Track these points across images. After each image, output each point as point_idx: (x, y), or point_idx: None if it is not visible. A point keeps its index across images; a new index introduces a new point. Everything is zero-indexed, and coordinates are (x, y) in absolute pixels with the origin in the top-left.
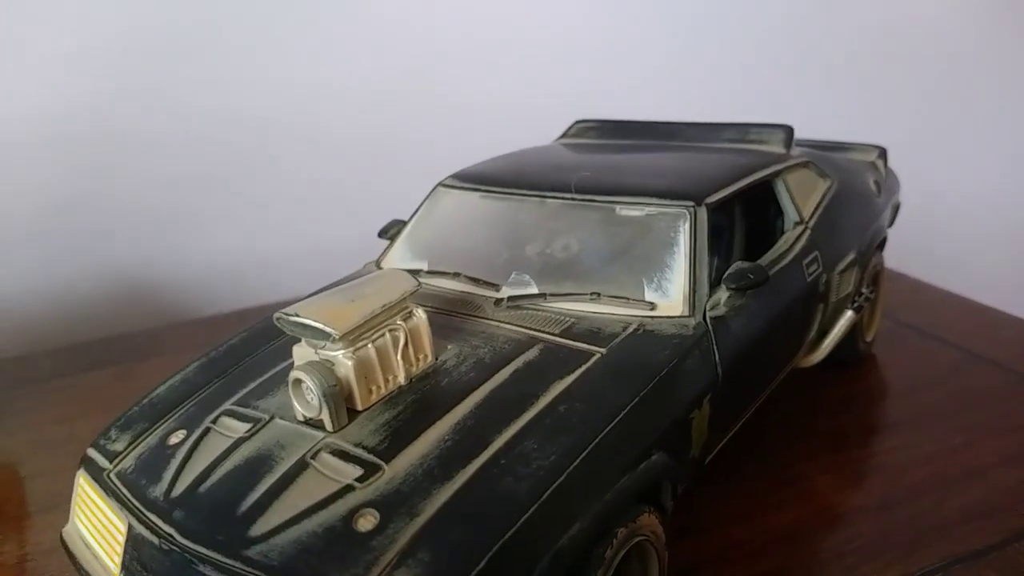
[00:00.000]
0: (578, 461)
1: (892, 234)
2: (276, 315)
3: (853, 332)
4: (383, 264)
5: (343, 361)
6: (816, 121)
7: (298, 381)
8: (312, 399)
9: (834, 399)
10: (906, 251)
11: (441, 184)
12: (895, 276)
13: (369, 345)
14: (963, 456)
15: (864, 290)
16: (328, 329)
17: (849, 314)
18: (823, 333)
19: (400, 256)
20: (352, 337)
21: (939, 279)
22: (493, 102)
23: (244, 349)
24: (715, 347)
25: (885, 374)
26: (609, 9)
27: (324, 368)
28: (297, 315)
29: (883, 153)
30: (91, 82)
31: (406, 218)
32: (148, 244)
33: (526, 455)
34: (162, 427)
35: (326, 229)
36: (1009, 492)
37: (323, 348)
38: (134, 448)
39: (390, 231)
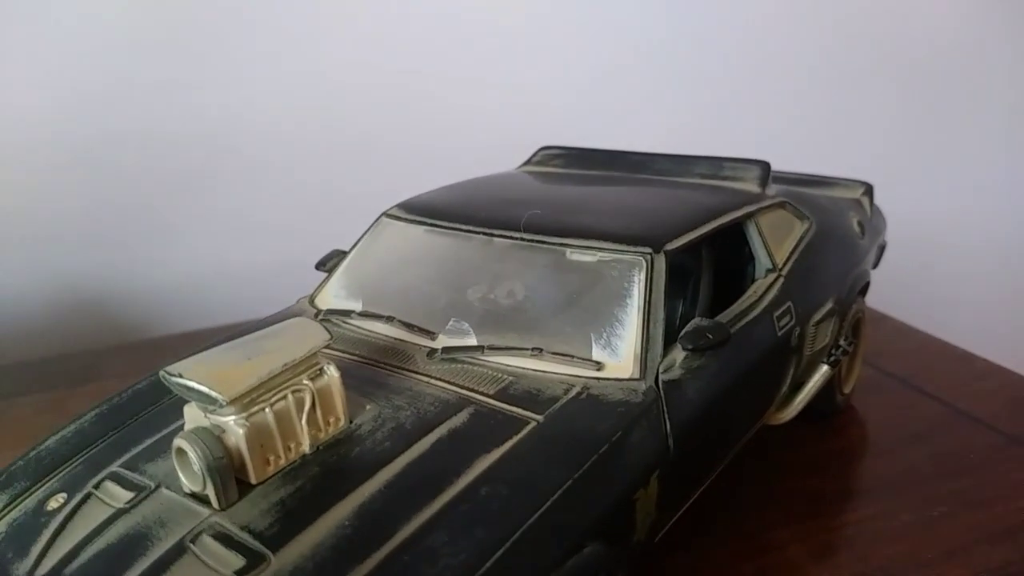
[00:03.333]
0: (493, 560)
1: (875, 272)
2: (160, 372)
3: (830, 384)
4: (317, 301)
5: (234, 428)
6: (799, 151)
7: (181, 450)
8: (197, 471)
9: (808, 458)
10: (889, 289)
11: (385, 214)
12: (877, 317)
13: (267, 409)
14: (942, 531)
15: (842, 342)
16: (214, 394)
17: (825, 369)
18: (797, 387)
19: (334, 292)
20: (245, 401)
21: (924, 318)
22: (474, 120)
23: (149, 397)
24: (666, 416)
25: (864, 429)
26: (593, 35)
27: (211, 436)
28: (181, 376)
29: (869, 190)
30: (45, 84)
31: (348, 248)
32: (98, 257)
33: (434, 551)
34: (44, 488)
35: (293, 243)
36: (992, 574)
37: (213, 413)
38: (9, 512)
39: (328, 263)
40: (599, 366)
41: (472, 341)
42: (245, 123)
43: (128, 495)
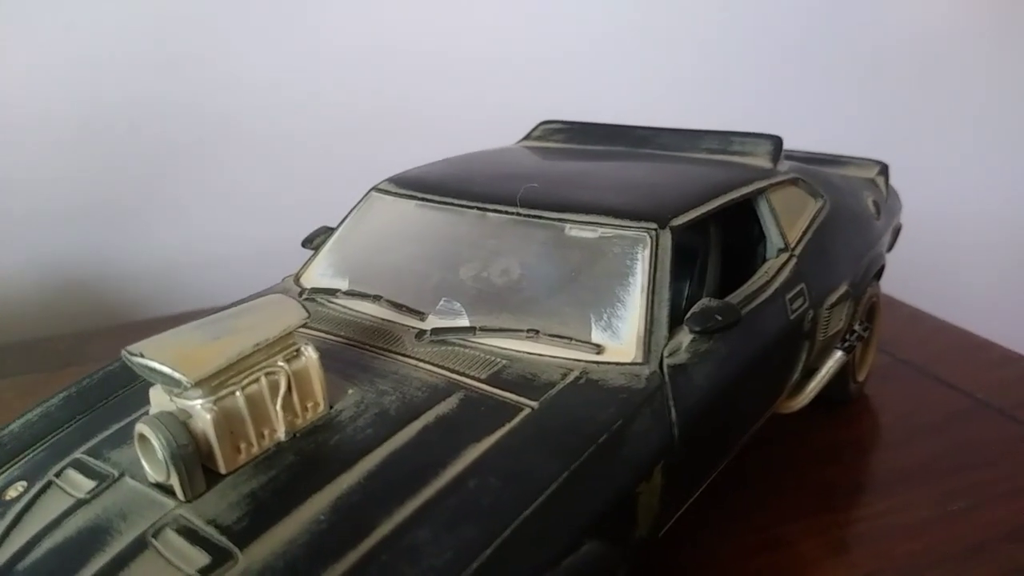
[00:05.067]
0: (480, 560)
1: (889, 256)
2: (122, 352)
3: (844, 371)
4: (302, 279)
5: (201, 413)
6: (811, 131)
7: (143, 436)
8: (161, 459)
9: (821, 448)
10: (904, 274)
11: (375, 189)
12: (892, 303)
13: (237, 393)
14: (963, 526)
15: (857, 327)
16: (178, 375)
17: (839, 355)
18: (809, 373)
19: (321, 271)
20: (214, 384)
21: (939, 305)
22: (471, 102)
23: (120, 379)
24: (671, 403)
25: (878, 419)
26: (600, 14)
27: (175, 422)
28: (142, 355)
29: (884, 169)
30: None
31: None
32: (83, 239)
33: (416, 549)
34: (3, 476)
35: (280, 227)
36: (1018, 573)
37: (178, 396)
38: None
39: (315, 240)
40: (599, 349)
41: (464, 322)
42: (241, 101)
43: (90, 484)
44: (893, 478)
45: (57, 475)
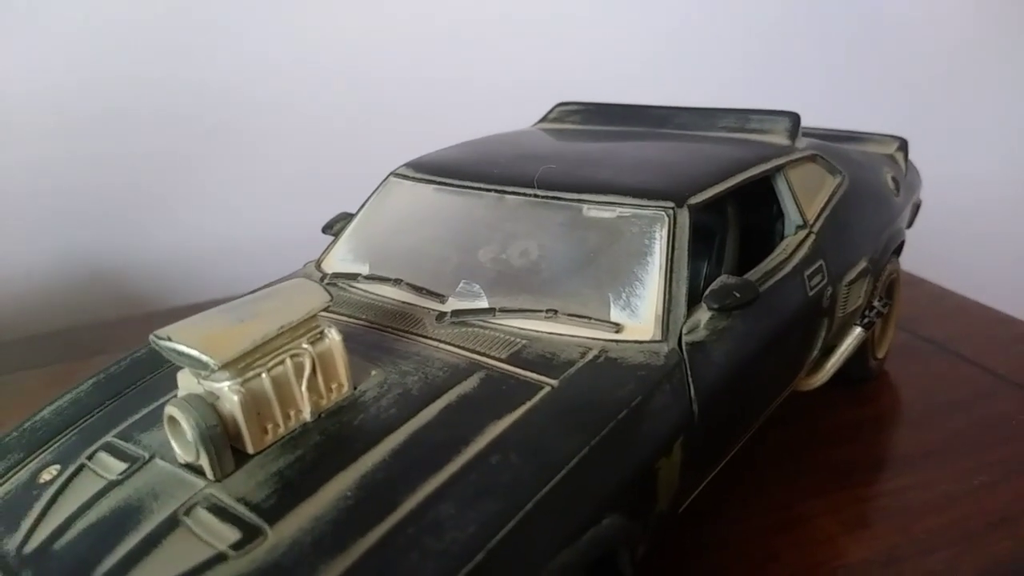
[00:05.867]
0: (503, 534)
1: (909, 233)
2: (150, 337)
3: (863, 348)
4: (323, 265)
5: (228, 395)
6: (830, 108)
7: (173, 419)
8: (190, 440)
9: (840, 425)
10: (924, 252)
11: (393, 174)
12: (912, 281)
13: (263, 375)
14: (986, 501)
15: (876, 303)
16: (205, 358)
17: (858, 331)
18: (828, 351)
19: (341, 256)
20: (240, 366)
21: (960, 284)
22: (485, 84)
23: (148, 365)
24: (690, 380)
25: (899, 396)
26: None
27: (203, 404)
28: (170, 339)
29: (904, 145)
30: (45, 60)
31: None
32: (108, 228)
33: (440, 523)
34: (37, 460)
35: (304, 214)
36: None
37: (206, 378)
38: (1, 484)
39: (335, 226)
40: (618, 328)
41: (483, 304)
42: (255, 91)
43: (121, 466)
44: (913, 455)
45: (89, 458)
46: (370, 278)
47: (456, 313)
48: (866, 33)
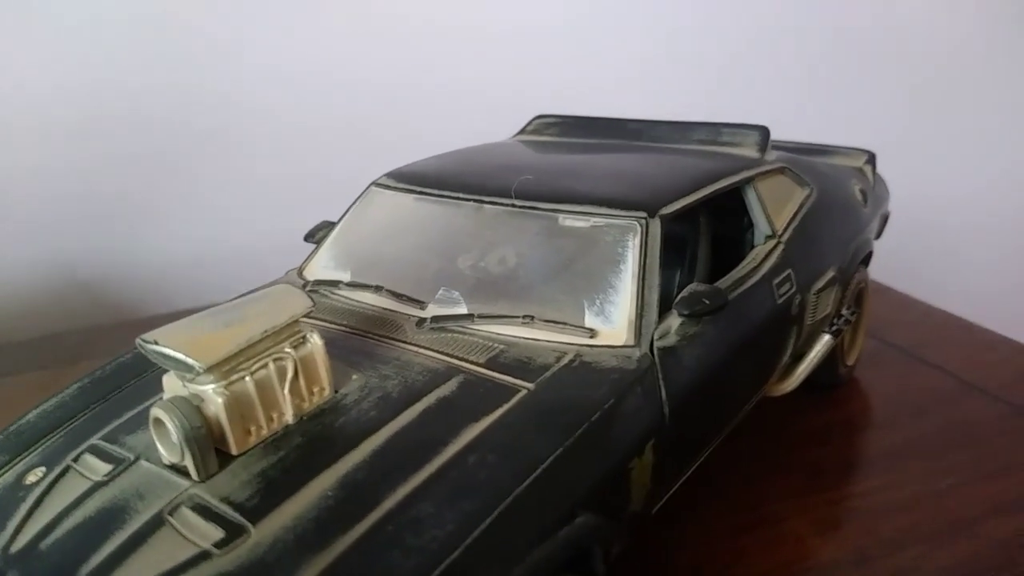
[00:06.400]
0: (480, 531)
1: (878, 244)
2: (137, 340)
3: (833, 356)
4: (305, 272)
5: (213, 397)
6: (799, 122)
7: (158, 420)
8: (175, 441)
9: (810, 429)
10: (892, 262)
11: (374, 183)
12: (881, 289)
13: (247, 378)
14: (950, 502)
15: (845, 311)
16: (191, 361)
17: (827, 338)
18: (798, 357)
19: (323, 263)
20: (224, 369)
21: (927, 291)
22: (466, 97)
23: (133, 369)
24: (661, 383)
25: (868, 400)
26: (590, 5)
27: (189, 406)
28: (157, 343)
29: (872, 158)
30: (35, 65)
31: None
32: (93, 235)
33: (420, 521)
34: (23, 462)
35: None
36: (1002, 546)
37: (191, 381)
38: None
39: (317, 234)
40: (592, 333)
41: (462, 310)
42: (240, 101)
43: (107, 468)
44: (882, 457)
45: (75, 460)
46: (352, 285)
47: (436, 319)
48: (836, 50)
